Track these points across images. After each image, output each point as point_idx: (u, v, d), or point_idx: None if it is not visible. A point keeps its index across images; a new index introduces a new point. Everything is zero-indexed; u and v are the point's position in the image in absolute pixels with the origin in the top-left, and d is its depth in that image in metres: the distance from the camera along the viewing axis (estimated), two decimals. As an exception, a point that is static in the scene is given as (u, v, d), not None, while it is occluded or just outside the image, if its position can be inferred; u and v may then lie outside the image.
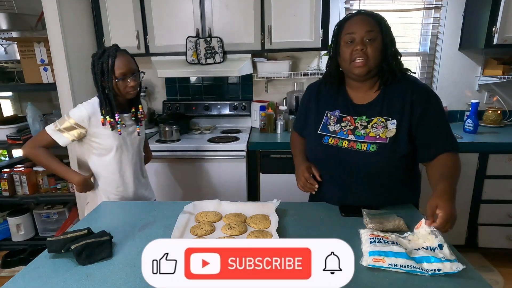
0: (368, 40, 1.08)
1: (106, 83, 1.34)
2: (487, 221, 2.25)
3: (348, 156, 1.15)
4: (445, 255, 0.86)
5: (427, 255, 0.86)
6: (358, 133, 1.14)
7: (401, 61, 1.17)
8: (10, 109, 2.91)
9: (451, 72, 2.64)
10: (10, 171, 2.39)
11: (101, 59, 1.34)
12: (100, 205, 1.34)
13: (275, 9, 2.24)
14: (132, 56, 1.42)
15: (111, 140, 1.41)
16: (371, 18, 1.11)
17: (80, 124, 1.36)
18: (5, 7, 2.39)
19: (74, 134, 1.37)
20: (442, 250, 0.87)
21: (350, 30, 1.10)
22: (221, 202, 1.24)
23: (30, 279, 0.86)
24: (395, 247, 0.89)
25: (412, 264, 0.84)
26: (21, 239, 2.46)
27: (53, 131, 1.36)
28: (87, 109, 1.37)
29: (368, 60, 1.09)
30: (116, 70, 1.34)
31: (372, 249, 0.89)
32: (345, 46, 1.11)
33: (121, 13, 2.32)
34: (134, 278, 0.84)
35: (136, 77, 1.39)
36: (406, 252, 0.87)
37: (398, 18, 2.63)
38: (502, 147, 2.14)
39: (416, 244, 0.93)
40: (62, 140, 1.37)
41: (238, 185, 2.25)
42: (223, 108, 2.73)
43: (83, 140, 1.43)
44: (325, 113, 1.23)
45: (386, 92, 1.15)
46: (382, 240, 0.92)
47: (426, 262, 0.85)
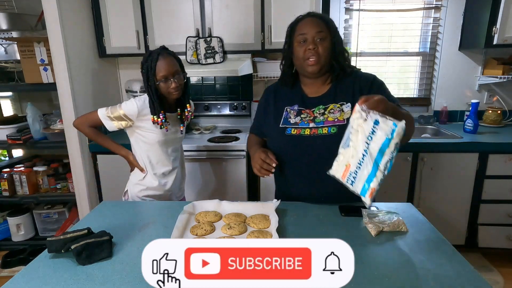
0: (319, 40, 1.17)
1: (150, 85, 1.42)
2: (487, 221, 2.25)
3: (312, 142, 1.19)
4: (382, 128, 0.85)
5: (378, 147, 0.86)
6: (317, 120, 1.22)
7: (348, 58, 1.27)
8: (10, 109, 2.91)
9: (451, 72, 2.65)
10: (10, 171, 2.39)
11: (146, 62, 1.42)
12: (100, 205, 1.34)
13: (275, 9, 2.24)
14: (176, 57, 1.47)
15: (154, 136, 1.50)
16: (320, 20, 1.20)
17: (128, 117, 1.47)
18: (5, 7, 2.39)
19: (121, 123, 1.49)
20: (380, 125, 0.85)
21: (302, 31, 1.19)
22: (221, 202, 1.24)
23: (30, 279, 0.86)
24: (365, 170, 0.89)
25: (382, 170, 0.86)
26: (21, 239, 2.46)
27: (104, 116, 1.49)
28: (138, 104, 1.46)
29: (320, 58, 1.18)
30: (157, 73, 1.40)
31: (359, 188, 0.91)
32: (299, 46, 1.20)
33: (121, 13, 2.32)
34: (134, 278, 0.84)
35: (179, 78, 1.44)
36: (374, 165, 0.87)
37: (398, 18, 2.63)
38: (502, 147, 2.14)
39: (360, 139, 0.90)
40: (110, 126, 1.50)
41: (238, 185, 2.25)
42: (223, 108, 2.73)
43: (131, 129, 1.53)
44: (284, 108, 1.29)
45: (337, 84, 1.25)
46: (354, 173, 0.92)
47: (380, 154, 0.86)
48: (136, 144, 1.56)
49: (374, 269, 0.86)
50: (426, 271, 0.85)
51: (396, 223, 1.05)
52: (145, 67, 1.42)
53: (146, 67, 1.42)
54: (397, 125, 0.82)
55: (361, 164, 0.90)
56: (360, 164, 0.91)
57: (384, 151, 0.86)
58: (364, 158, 0.89)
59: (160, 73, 1.40)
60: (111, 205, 1.35)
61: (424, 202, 2.26)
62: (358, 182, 0.92)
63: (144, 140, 1.52)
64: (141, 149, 1.54)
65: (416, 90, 2.79)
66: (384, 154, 0.86)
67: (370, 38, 2.70)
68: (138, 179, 1.56)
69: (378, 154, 0.86)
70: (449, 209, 2.26)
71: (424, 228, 1.07)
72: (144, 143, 1.53)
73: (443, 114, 2.67)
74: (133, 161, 1.57)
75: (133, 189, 1.57)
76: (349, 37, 2.67)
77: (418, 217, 1.15)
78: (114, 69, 2.75)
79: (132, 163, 1.58)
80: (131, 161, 1.58)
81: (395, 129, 0.82)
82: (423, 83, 2.74)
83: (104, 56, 2.44)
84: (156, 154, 1.54)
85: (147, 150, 1.54)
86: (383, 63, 2.75)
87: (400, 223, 1.05)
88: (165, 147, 1.55)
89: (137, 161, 1.56)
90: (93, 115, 1.51)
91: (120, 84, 2.81)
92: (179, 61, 1.48)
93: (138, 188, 1.56)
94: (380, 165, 0.86)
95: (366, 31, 2.67)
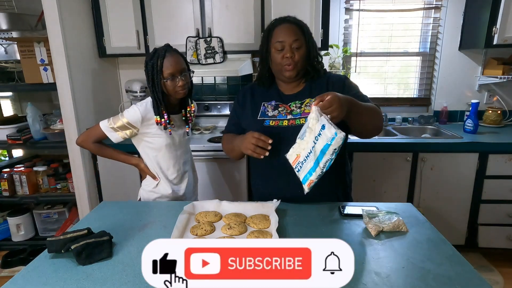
0: (296, 48, 1.23)
1: (156, 84, 1.37)
2: (487, 221, 2.25)
3: (290, 132, 1.20)
4: (326, 134, 0.97)
5: (320, 148, 0.99)
6: (295, 112, 1.27)
7: (322, 62, 1.35)
8: (10, 109, 2.91)
9: (451, 72, 2.65)
10: (10, 171, 2.39)
11: (152, 60, 1.37)
12: (100, 205, 1.34)
13: (275, 9, 2.24)
14: (182, 55, 1.44)
15: (161, 140, 1.46)
16: (296, 27, 1.25)
17: (133, 124, 1.42)
18: (5, 7, 2.39)
19: (126, 133, 1.43)
20: (325, 130, 0.97)
21: (279, 38, 1.24)
22: (221, 202, 1.24)
23: (30, 279, 0.86)
24: (309, 164, 1.02)
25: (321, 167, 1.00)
26: (21, 239, 2.46)
27: (107, 128, 1.43)
28: (140, 110, 1.41)
29: (296, 65, 1.24)
30: (164, 70, 1.36)
31: (302, 176, 1.05)
32: (276, 53, 1.25)
33: (121, 13, 2.32)
34: (134, 278, 0.84)
35: (185, 76, 1.41)
36: (315, 162, 1.01)
37: (398, 18, 2.63)
38: (502, 147, 2.14)
39: (311, 138, 1.03)
40: (114, 137, 1.44)
41: (238, 185, 2.25)
42: (223, 108, 2.73)
43: (137, 137, 1.49)
44: (261, 103, 1.33)
45: (311, 83, 1.32)
46: (301, 163, 1.05)
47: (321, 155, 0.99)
48: (144, 152, 1.51)
49: (374, 269, 0.86)
50: (426, 271, 0.85)
51: (396, 223, 1.05)
52: (150, 65, 1.37)
53: (151, 64, 1.37)
54: (337, 135, 0.95)
55: (307, 158, 1.05)
56: (307, 157, 1.05)
57: (324, 153, 0.99)
58: (310, 154, 1.03)
59: (167, 70, 1.36)
60: (111, 205, 1.35)
61: (424, 202, 2.26)
62: (302, 172, 1.06)
63: (152, 146, 1.48)
64: (149, 157, 1.50)
65: (416, 90, 2.79)
66: (324, 155, 1.00)
67: (370, 38, 2.70)
68: (152, 187, 1.52)
69: (320, 154, 1.00)
70: (449, 209, 2.26)
71: (424, 228, 1.07)
72: (152, 150, 1.48)
73: (443, 114, 2.67)
74: (145, 168, 1.52)
75: (147, 196, 1.54)
76: (349, 37, 2.67)
77: (418, 217, 1.15)
78: (114, 69, 2.75)
79: (144, 171, 1.54)
80: (143, 169, 1.53)
81: (335, 138, 0.96)
82: (423, 83, 2.74)
83: (104, 56, 2.44)
84: (166, 159, 1.50)
85: (156, 156, 1.49)
86: (383, 63, 2.75)
87: (400, 223, 1.05)
88: (173, 150, 1.50)
89: (148, 169, 1.52)
90: (95, 130, 1.46)
91: (120, 84, 2.81)
92: (185, 59, 1.45)
93: (152, 196, 1.53)
94: (320, 163, 1.01)
95: (366, 31, 2.67)
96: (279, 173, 1.26)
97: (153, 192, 1.53)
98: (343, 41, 2.67)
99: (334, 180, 1.32)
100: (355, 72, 2.69)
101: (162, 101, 1.40)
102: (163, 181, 1.51)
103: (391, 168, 2.23)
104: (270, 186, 1.31)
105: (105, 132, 1.43)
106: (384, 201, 1.27)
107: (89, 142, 1.48)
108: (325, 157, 0.99)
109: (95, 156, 2.30)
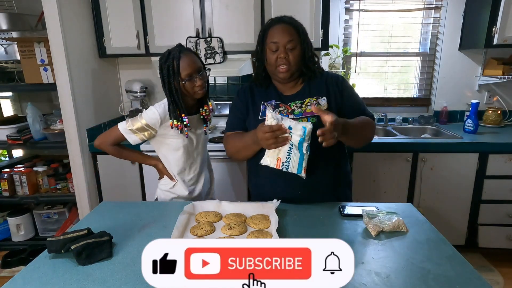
0: (290, 48, 1.23)
1: (174, 85, 1.35)
2: (487, 221, 2.25)
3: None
4: (296, 131, 1.09)
5: (297, 141, 1.10)
6: (296, 112, 1.27)
7: (319, 62, 1.34)
8: (10, 109, 2.91)
9: (451, 72, 2.65)
10: (10, 171, 2.39)
11: (167, 62, 1.34)
12: (100, 205, 1.34)
13: (275, 9, 2.24)
14: (196, 53, 1.42)
15: (179, 140, 1.45)
16: (291, 27, 1.25)
17: (151, 126, 1.40)
18: (5, 7, 2.39)
19: (145, 134, 1.42)
20: (293, 130, 1.09)
21: (274, 38, 1.24)
22: (221, 202, 1.24)
23: (30, 279, 0.86)
24: (294, 158, 1.12)
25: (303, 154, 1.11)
26: (21, 239, 2.46)
27: (125, 130, 1.41)
28: (159, 111, 1.39)
29: (291, 66, 1.24)
30: (181, 71, 1.33)
31: (295, 170, 1.14)
32: (270, 53, 1.25)
33: (121, 13, 2.32)
34: (134, 278, 0.84)
35: (203, 75, 1.38)
36: (300, 151, 1.11)
37: (398, 18, 2.63)
38: (502, 147, 2.14)
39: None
40: (133, 139, 1.43)
41: (238, 185, 2.25)
42: (223, 108, 2.73)
43: (155, 139, 1.48)
44: (261, 103, 1.32)
45: (309, 84, 1.32)
46: (286, 163, 1.13)
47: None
48: (162, 153, 1.50)
49: (374, 269, 0.86)
50: (426, 271, 0.85)
51: (396, 223, 1.05)
52: (166, 67, 1.34)
53: (167, 67, 1.33)
54: (305, 128, 1.08)
55: (290, 155, 1.13)
56: (289, 154, 1.13)
57: (302, 143, 1.10)
58: (291, 150, 1.12)
59: (184, 71, 1.33)
60: (111, 205, 1.35)
61: (424, 202, 2.26)
62: (292, 167, 1.14)
63: (170, 147, 1.46)
64: (168, 158, 1.49)
65: (416, 90, 2.79)
66: (303, 143, 1.10)
67: (370, 38, 2.70)
68: (169, 187, 1.52)
69: (299, 146, 1.10)
70: (449, 209, 2.26)
71: (424, 228, 1.07)
72: (171, 151, 1.47)
73: (443, 114, 2.67)
74: (163, 169, 1.51)
75: (164, 196, 1.54)
76: (349, 37, 2.67)
77: (418, 217, 1.15)
78: (114, 69, 2.75)
79: (162, 172, 1.53)
80: (161, 169, 1.52)
81: (305, 131, 1.08)
82: (423, 83, 2.74)
83: (104, 56, 2.44)
84: (184, 159, 1.48)
85: (174, 157, 1.47)
86: (383, 63, 2.75)
87: (400, 223, 1.05)
88: (191, 150, 1.49)
89: (166, 170, 1.51)
90: (113, 132, 1.44)
91: (120, 84, 2.81)
92: (199, 58, 1.42)
93: (169, 196, 1.53)
94: (303, 150, 1.11)
95: (366, 31, 2.67)
96: (278, 173, 1.26)
97: (170, 192, 1.52)
98: (343, 41, 2.67)
99: (334, 181, 1.32)
100: (355, 72, 2.69)
101: (181, 103, 1.36)
102: (180, 183, 1.51)
103: (391, 168, 2.23)
104: (270, 186, 1.31)
105: (124, 134, 1.42)
106: (384, 201, 1.28)
107: (107, 144, 1.47)
108: (305, 144, 1.10)
109: (95, 156, 2.30)
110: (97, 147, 1.50)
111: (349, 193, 1.41)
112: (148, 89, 2.78)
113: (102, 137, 1.49)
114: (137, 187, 2.33)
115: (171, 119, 1.38)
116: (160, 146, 1.49)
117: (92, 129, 2.32)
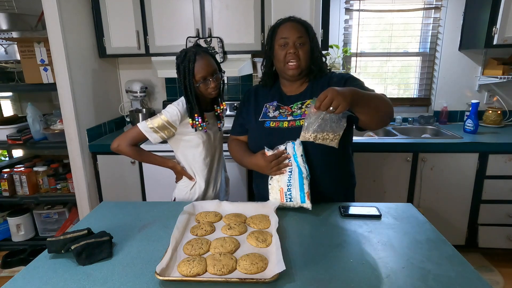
0: (299, 44, 1.23)
1: (189, 86, 1.37)
2: (487, 221, 2.25)
3: (290, 134, 1.22)
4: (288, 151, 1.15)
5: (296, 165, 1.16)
6: (295, 114, 1.27)
7: (326, 62, 1.35)
8: (10, 109, 2.91)
9: (451, 72, 2.65)
10: (10, 171, 2.39)
11: (183, 63, 1.37)
12: (100, 205, 1.34)
13: (275, 9, 2.24)
14: (212, 54, 1.44)
15: (200, 137, 1.46)
16: (300, 25, 1.26)
17: (172, 124, 1.41)
18: (5, 7, 2.39)
19: (165, 133, 1.42)
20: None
21: (284, 34, 1.24)
22: (221, 203, 1.24)
23: (30, 279, 0.86)
24: (295, 185, 1.15)
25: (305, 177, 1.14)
26: (21, 239, 2.46)
27: (146, 129, 1.41)
28: (179, 109, 1.41)
29: (300, 62, 1.24)
30: (196, 74, 1.36)
31: (298, 200, 1.16)
32: (280, 49, 1.25)
33: (121, 13, 2.32)
34: (134, 278, 0.84)
35: (217, 77, 1.41)
36: (299, 176, 1.15)
37: (398, 18, 2.63)
38: (502, 147, 2.14)
39: None
40: (153, 138, 1.42)
41: (238, 185, 2.25)
42: (223, 108, 2.73)
43: (174, 138, 1.48)
44: (263, 105, 1.35)
45: (313, 83, 1.31)
46: (288, 192, 1.16)
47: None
48: (181, 151, 1.51)
49: (374, 269, 0.86)
50: (426, 271, 0.85)
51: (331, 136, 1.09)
52: (182, 68, 1.37)
53: (183, 68, 1.36)
54: (294, 143, 1.12)
55: (290, 181, 1.15)
56: (289, 181, 1.15)
57: (298, 163, 1.14)
58: (290, 176, 1.15)
59: (199, 74, 1.36)
60: (111, 205, 1.35)
61: (424, 202, 2.26)
62: (295, 197, 1.16)
63: (190, 144, 1.47)
64: (187, 156, 1.50)
65: (416, 90, 2.79)
66: (299, 166, 1.14)
67: (370, 38, 2.70)
68: (189, 188, 1.53)
69: (295, 160, 1.14)
70: (449, 209, 2.26)
71: (424, 228, 1.07)
72: (190, 148, 1.48)
73: (443, 114, 2.67)
74: (181, 171, 1.51)
75: (182, 197, 1.55)
76: (349, 37, 2.67)
77: (418, 217, 1.15)
78: (114, 69, 2.75)
79: (180, 173, 1.53)
80: (179, 171, 1.52)
81: (294, 147, 1.13)
82: (423, 83, 2.74)
83: (104, 56, 2.44)
84: (203, 156, 1.49)
85: (194, 155, 1.49)
86: (383, 63, 2.75)
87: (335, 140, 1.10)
88: (210, 147, 1.51)
89: (185, 170, 1.52)
90: (133, 132, 1.43)
91: (120, 85, 2.81)
92: (215, 59, 1.44)
93: (187, 196, 1.54)
94: (303, 174, 1.14)
95: (366, 31, 2.67)
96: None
97: (189, 193, 1.53)
98: (343, 41, 2.67)
99: (336, 182, 1.31)
100: (355, 72, 2.69)
101: (195, 103, 1.39)
102: (198, 183, 1.52)
103: (391, 168, 2.23)
104: None
105: (145, 133, 1.41)
106: (384, 201, 1.28)
107: (126, 146, 1.43)
108: (301, 167, 1.14)
109: (95, 156, 2.30)
110: (115, 149, 1.45)
111: (352, 196, 1.39)
112: (148, 89, 2.78)
113: (120, 139, 1.45)
114: (137, 187, 2.33)
115: (189, 118, 1.41)
116: (180, 145, 1.50)
117: (92, 129, 2.32)
